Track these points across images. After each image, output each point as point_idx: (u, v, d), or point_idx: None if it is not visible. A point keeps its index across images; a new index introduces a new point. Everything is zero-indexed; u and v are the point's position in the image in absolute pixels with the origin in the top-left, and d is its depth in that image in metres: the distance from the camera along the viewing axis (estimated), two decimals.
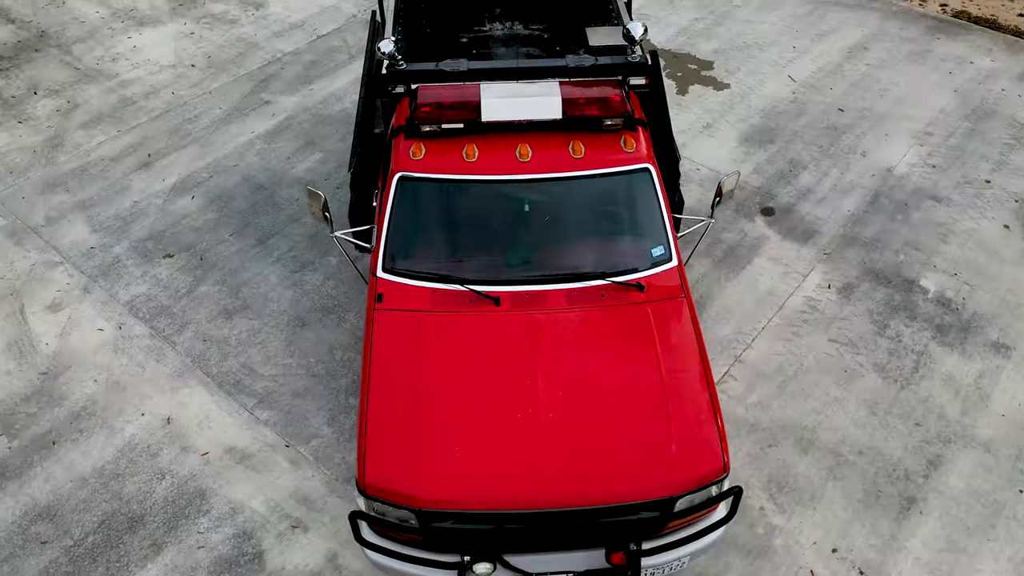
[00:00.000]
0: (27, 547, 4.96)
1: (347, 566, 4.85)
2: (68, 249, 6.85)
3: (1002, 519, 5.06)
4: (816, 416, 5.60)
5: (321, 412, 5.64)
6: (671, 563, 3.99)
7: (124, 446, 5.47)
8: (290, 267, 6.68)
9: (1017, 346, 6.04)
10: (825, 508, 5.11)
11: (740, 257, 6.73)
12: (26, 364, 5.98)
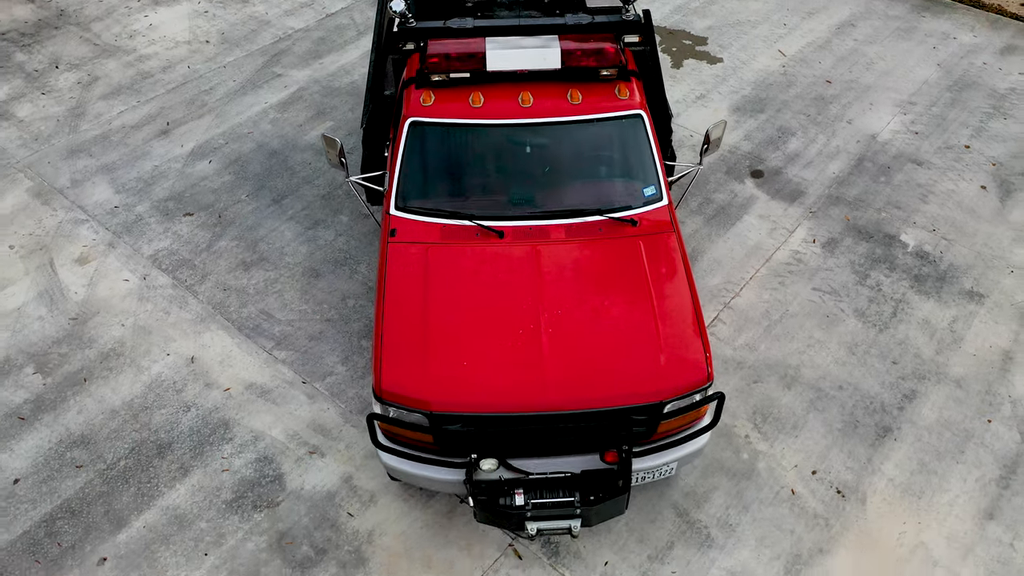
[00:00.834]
0: (63, 470, 5.34)
1: (361, 486, 5.23)
2: (93, 208, 7.22)
3: (970, 445, 5.43)
4: (799, 356, 5.97)
5: (335, 353, 6.02)
6: (659, 467, 4.36)
7: (151, 382, 5.84)
8: (304, 224, 7.05)
9: (990, 294, 6.41)
10: (806, 436, 5.48)
11: (730, 215, 7.10)
12: (57, 311, 6.35)
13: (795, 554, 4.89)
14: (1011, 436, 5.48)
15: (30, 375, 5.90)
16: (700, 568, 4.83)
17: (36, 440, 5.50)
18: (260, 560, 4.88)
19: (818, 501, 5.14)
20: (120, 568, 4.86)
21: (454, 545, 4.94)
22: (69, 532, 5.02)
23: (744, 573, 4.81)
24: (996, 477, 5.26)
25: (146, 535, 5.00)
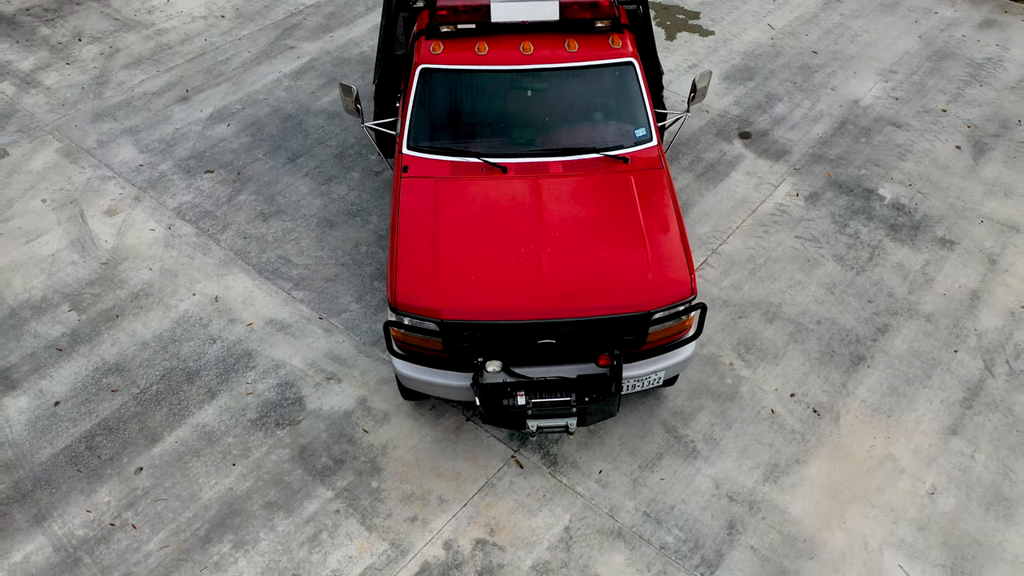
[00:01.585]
0: (100, 394, 5.79)
1: (376, 407, 5.68)
2: (119, 166, 7.67)
3: (937, 371, 5.88)
4: (781, 295, 6.42)
5: (349, 293, 6.47)
6: (648, 375, 4.81)
7: (179, 318, 6.29)
8: (318, 180, 7.50)
9: (961, 241, 6.85)
10: (786, 364, 5.93)
11: (719, 172, 7.55)
12: (89, 256, 6.80)
13: (773, 464, 5.34)
14: (975, 364, 5.92)
15: (66, 312, 6.34)
16: (686, 476, 5.28)
17: (74, 368, 5.95)
18: (283, 470, 5.33)
19: (795, 419, 5.59)
20: (155, 476, 5.30)
21: (461, 457, 5.39)
22: (107, 446, 5.47)
23: (727, 480, 5.26)
24: (960, 399, 5.70)
25: (178, 448, 5.45)
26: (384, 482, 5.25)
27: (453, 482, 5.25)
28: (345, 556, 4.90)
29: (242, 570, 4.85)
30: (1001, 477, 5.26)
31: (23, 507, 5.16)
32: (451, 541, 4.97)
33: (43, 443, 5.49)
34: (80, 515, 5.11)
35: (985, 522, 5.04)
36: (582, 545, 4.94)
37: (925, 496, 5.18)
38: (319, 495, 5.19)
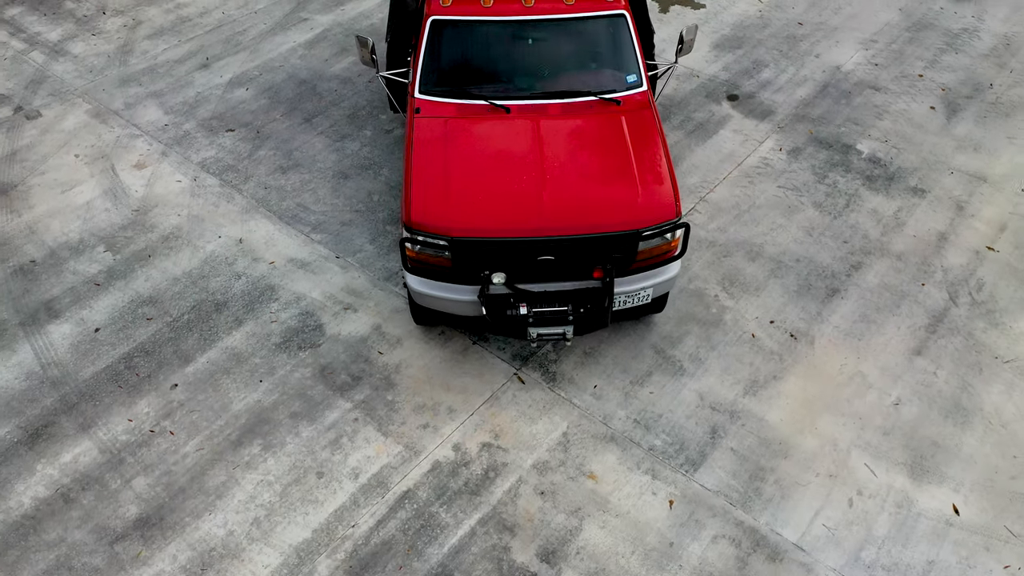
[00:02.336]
0: (136, 322, 6.31)
1: (389, 333, 6.19)
2: (146, 126, 8.19)
3: (905, 302, 6.39)
4: (763, 236, 6.93)
5: (364, 235, 6.99)
6: (638, 291, 5.32)
7: (206, 257, 6.81)
8: (332, 137, 8.02)
9: (931, 190, 7.37)
10: (766, 296, 6.45)
11: (708, 130, 8.07)
12: (121, 204, 7.32)
13: (753, 380, 5.86)
14: (940, 295, 6.44)
15: (101, 252, 6.86)
16: (673, 390, 5.79)
17: (111, 300, 6.47)
18: (306, 385, 5.85)
19: (774, 342, 6.10)
20: (189, 391, 5.82)
21: (468, 374, 5.90)
22: (144, 366, 5.99)
23: (710, 393, 5.77)
24: (925, 325, 6.22)
25: (209, 368, 5.97)
26: (398, 395, 5.77)
27: (461, 395, 5.77)
28: (364, 457, 5.42)
29: (270, 468, 5.37)
30: (960, 391, 5.78)
31: (70, 417, 5.68)
32: (459, 444, 5.48)
33: (86, 363, 6.01)
34: (122, 423, 5.63)
35: (944, 428, 5.56)
36: (578, 447, 5.46)
37: (890, 407, 5.69)
38: (339, 406, 5.71)
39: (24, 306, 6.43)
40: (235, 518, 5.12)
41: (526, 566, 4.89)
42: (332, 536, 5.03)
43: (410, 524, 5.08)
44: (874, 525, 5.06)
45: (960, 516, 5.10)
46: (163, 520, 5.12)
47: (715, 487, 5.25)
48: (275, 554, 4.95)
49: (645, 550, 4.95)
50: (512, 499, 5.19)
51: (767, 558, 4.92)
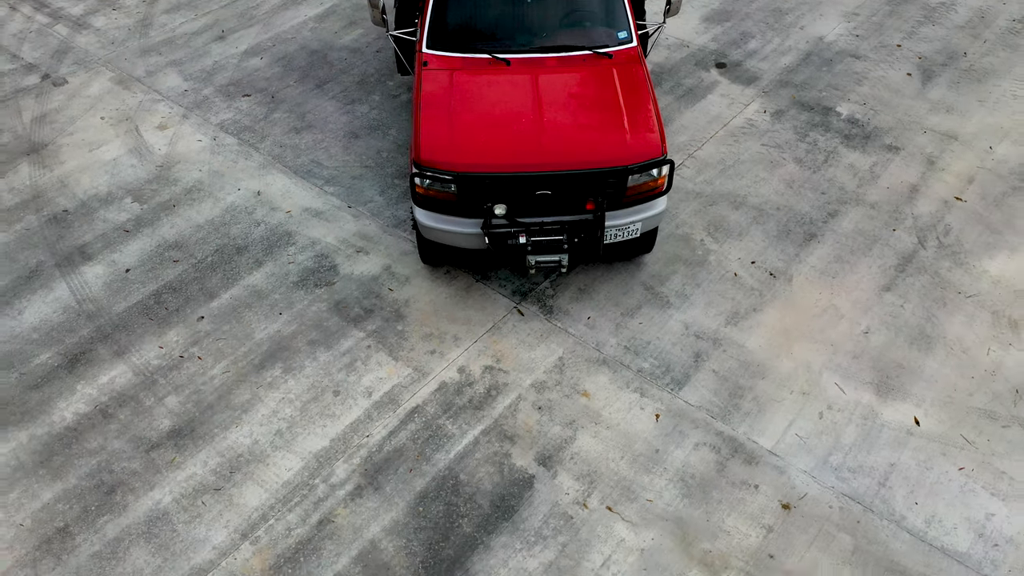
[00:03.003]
0: (163, 264, 6.80)
1: (399, 272, 6.69)
2: (166, 91, 8.69)
3: (877, 245, 6.89)
4: (747, 188, 7.43)
5: (374, 187, 7.48)
6: (627, 225, 5.82)
7: (227, 207, 7.31)
8: (343, 101, 8.51)
9: (905, 147, 7.86)
10: (748, 240, 6.94)
11: (697, 95, 8.56)
12: (146, 161, 7.82)
13: (734, 312, 6.35)
14: (910, 239, 6.93)
15: (129, 203, 7.36)
16: (661, 321, 6.29)
17: (139, 244, 6.97)
18: (322, 317, 6.34)
19: (754, 280, 6.60)
20: (214, 323, 6.32)
21: (471, 308, 6.40)
22: (172, 301, 6.49)
23: (695, 323, 6.27)
24: (895, 265, 6.72)
25: (232, 303, 6.47)
26: (407, 326, 6.27)
27: (465, 326, 6.26)
28: (376, 378, 5.91)
29: (291, 387, 5.86)
30: (924, 321, 6.27)
31: (105, 345, 6.17)
32: (464, 367, 5.98)
33: (118, 299, 6.51)
34: (153, 350, 6.13)
35: (909, 353, 6.05)
36: (573, 370, 5.96)
37: (860, 334, 6.19)
38: (353, 335, 6.20)
39: (59, 250, 6.92)
40: (259, 430, 5.62)
41: (525, 469, 5.38)
42: (348, 444, 5.52)
43: (419, 434, 5.57)
44: (842, 435, 5.56)
45: (920, 427, 5.60)
46: (194, 431, 5.62)
47: (698, 403, 5.74)
48: (296, 459, 5.45)
49: (633, 455, 5.45)
50: (512, 413, 5.69)
51: (744, 462, 5.41)
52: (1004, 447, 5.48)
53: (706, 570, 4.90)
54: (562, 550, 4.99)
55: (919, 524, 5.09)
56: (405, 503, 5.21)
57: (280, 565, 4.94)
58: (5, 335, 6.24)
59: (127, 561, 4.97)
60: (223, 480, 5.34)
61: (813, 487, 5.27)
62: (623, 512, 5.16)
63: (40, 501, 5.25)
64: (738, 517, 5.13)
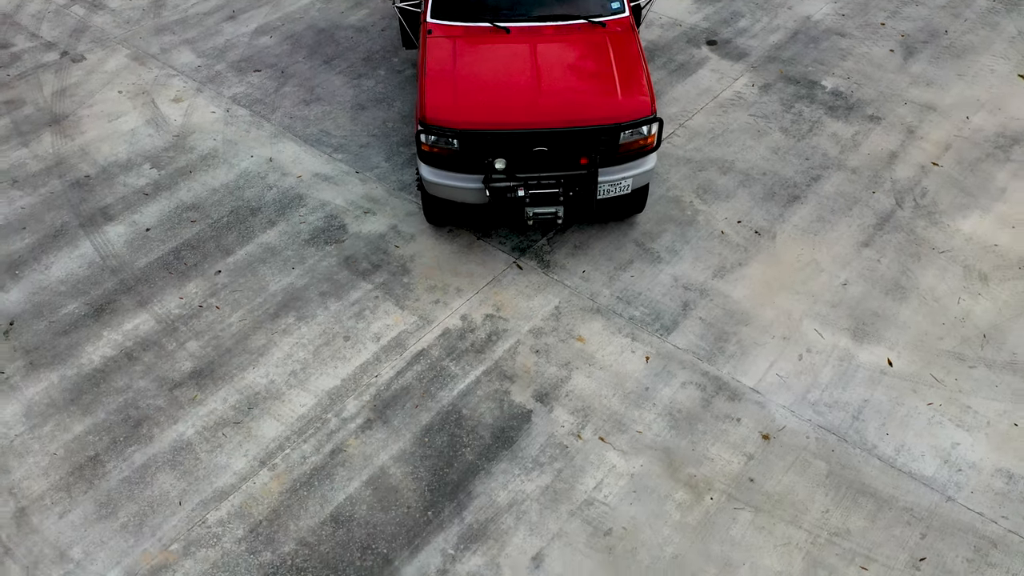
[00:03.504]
0: (182, 224, 7.19)
1: (404, 230, 7.08)
2: (181, 67, 9.08)
3: (857, 206, 7.28)
4: (734, 155, 7.82)
5: (380, 154, 7.87)
6: (619, 181, 6.20)
7: (241, 172, 7.70)
8: (350, 76, 8.91)
9: (886, 117, 8.25)
10: (735, 201, 7.33)
11: (688, 70, 8.95)
12: (162, 131, 8.21)
13: (721, 266, 6.74)
14: (888, 201, 7.32)
15: (148, 169, 7.75)
16: (651, 274, 6.68)
17: (159, 206, 7.36)
18: (333, 271, 6.73)
19: (740, 237, 6.99)
20: (231, 276, 6.71)
21: (473, 263, 6.79)
22: (191, 257, 6.88)
23: (683, 276, 6.66)
24: (873, 223, 7.11)
25: (248, 258, 6.86)
26: (412, 279, 6.66)
27: (467, 279, 6.66)
28: (384, 325, 6.31)
29: (304, 333, 6.25)
30: (900, 274, 6.66)
31: (129, 296, 6.56)
32: (466, 315, 6.37)
33: (140, 255, 6.90)
34: (174, 300, 6.52)
35: (884, 302, 6.44)
36: (568, 317, 6.35)
37: (839, 286, 6.58)
38: (362, 287, 6.59)
39: (82, 212, 7.31)
40: (275, 371, 6.01)
41: (523, 404, 5.77)
42: (358, 383, 5.92)
43: (424, 375, 5.96)
44: (819, 374, 5.95)
45: (893, 367, 5.99)
46: (214, 372, 6.01)
47: (685, 347, 6.13)
48: (310, 397, 5.84)
49: (624, 393, 5.84)
50: (511, 356, 6.08)
51: (727, 398, 5.80)
52: (971, 385, 5.87)
53: (691, 492, 5.29)
54: (558, 475, 5.38)
55: (889, 452, 5.49)
56: (411, 434, 5.60)
57: (296, 488, 5.33)
58: (34, 287, 6.64)
59: (154, 485, 5.36)
60: (242, 415, 5.73)
61: (791, 420, 5.66)
62: (614, 442, 5.55)
63: (71, 433, 5.64)
64: (721, 446, 5.52)
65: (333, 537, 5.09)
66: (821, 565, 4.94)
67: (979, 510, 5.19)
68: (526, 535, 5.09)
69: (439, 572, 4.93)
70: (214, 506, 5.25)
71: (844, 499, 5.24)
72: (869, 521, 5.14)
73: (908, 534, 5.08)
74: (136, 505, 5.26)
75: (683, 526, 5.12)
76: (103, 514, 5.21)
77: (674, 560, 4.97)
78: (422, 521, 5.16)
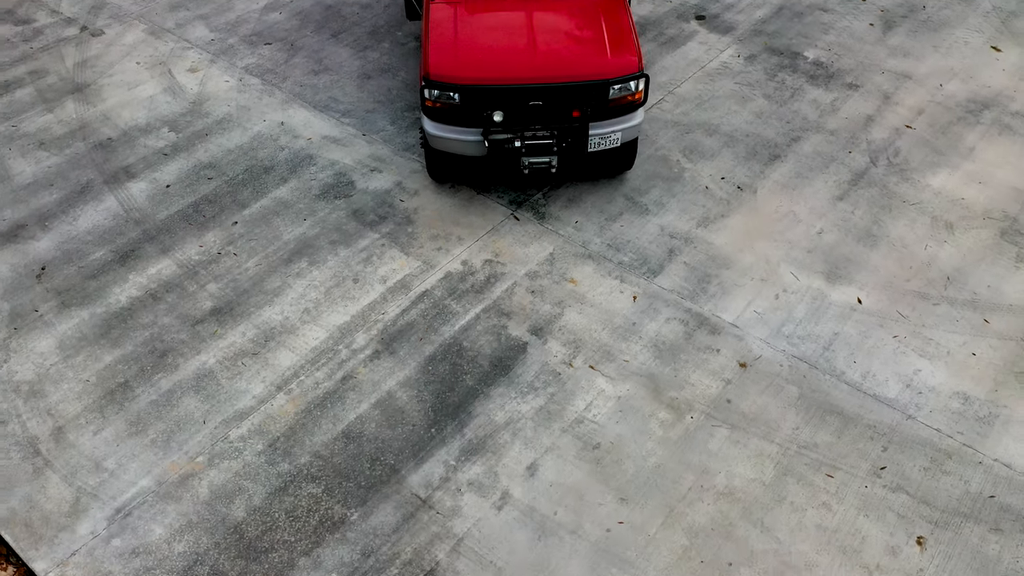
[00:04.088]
0: (200, 181, 7.67)
1: (409, 186, 7.55)
2: (195, 40, 9.56)
3: (833, 164, 7.74)
4: (720, 119, 8.29)
5: (385, 119, 8.34)
6: (609, 134, 6.68)
7: (254, 135, 8.17)
8: (356, 49, 9.38)
9: (864, 85, 8.72)
10: (719, 160, 7.80)
11: (677, 42, 9.42)
12: (179, 98, 8.69)
13: (704, 217, 7.22)
14: (863, 159, 7.79)
15: (166, 132, 8.23)
16: (640, 224, 7.15)
17: (177, 165, 7.83)
18: (342, 222, 7.21)
19: (723, 192, 7.46)
20: (247, 227, 7.18)
21: (473, 214, 7.26)
22: (209, 210, 7.35)
23: (669, 226, 7.13)
24: (848, 180, 7.58)
25: (262, 211, 7.33)
26: (416, 229, 7.13)
27: (467, 228, 7.13)
28: (390, 269, 6.78)
29: (316, 276, 6.73)
30: (871, 224, 7.13)
31: (151, 244, 7.04)
32: (467, 260, 6.84)
33: (161, 209, 7.38)
34: (194, 248, 7.00)
35: (855, 248, 6.92)
36: (562, 262, 6.82)
37: (814, 234, 7.05)
38: (369, 236, 7.07)
39: (106, 170, 7.79)
40: (289, 309, 6.49)
41: (519, 338, 6.25)
42: (367, 319, 6.39)
43: (428, 312, 6.44)
44: (794, 311, 6.42)
45: (862, 305, 6.46)
46: (232, 310, 6.48)
47: (670, 287, 6.61)
48: (322, 331, 6.31)
49: (612, 327, 6.31)
50: (508, 296, 6.55)
51: (708, 332, 6.28)
52: (933, 320, 6.34)
53: (672, 412, 5.76)
54: (551, 398, 5.85)
55: (856, 377, 5.96)
56: (416, 363, 6.08)
57: (310, 410, 5.81)
58: (64, 237, 7.11)
59: (180, 407, 5.84)
60: (259, 347, 6.21)
61: (767, 350, 6.14)
62: (603, 370, 6.02)
63: (102, 363, 6.12)
64: (701, 373, 6.00)
65: (345, 451, 5.56)
66: (790, 473, 5.41)
67: (937, 427, 5.66)
68: (521, 448, 5.56)
69: (442, 479, 5.41)
70: (235, 425, 5.72)
71: (813, 418, 5.71)
72: (835, 436, 5.61)
73: (871, 447, 5.55)
74: (164, 424, 5.73)
75: (665, 441, 5.59)
76: (133, 432, 5.69)
77: (656, 469, 5.44)
78: (426, 437, 5.64)
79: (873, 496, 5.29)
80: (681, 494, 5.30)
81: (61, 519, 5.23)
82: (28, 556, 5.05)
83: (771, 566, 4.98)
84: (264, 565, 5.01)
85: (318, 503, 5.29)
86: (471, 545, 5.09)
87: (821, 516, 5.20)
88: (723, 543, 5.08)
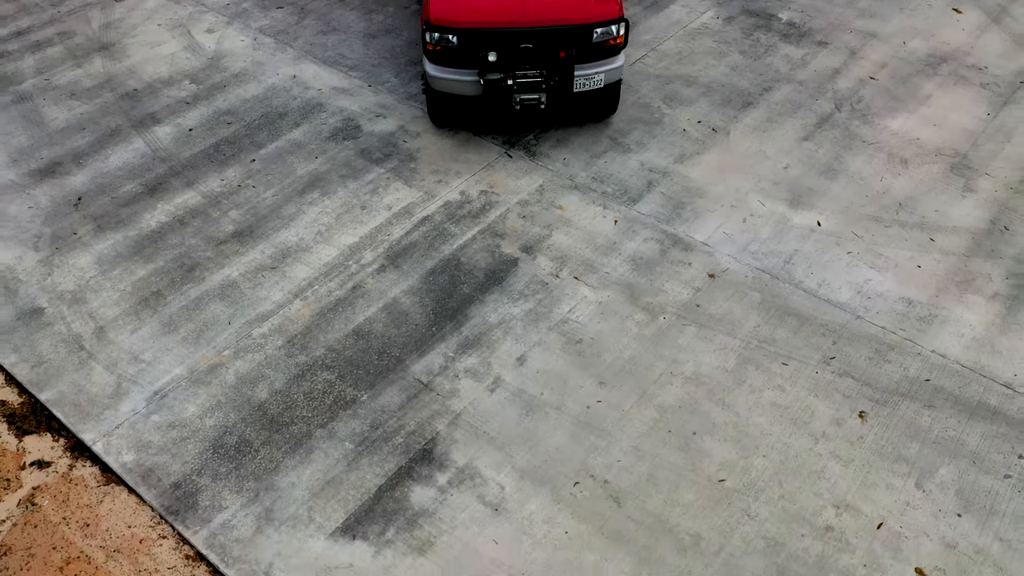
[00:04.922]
0: (220, 125, 8.36)
1: (411, 130, 8.25)
2: (211, 4, 10.25)
3: (801, 110, 8.44)
4: (698, 72, 8.99)
5: (390, 72, 9.04)
6: (593, 76, 7.37)
7: (269, 87, 8.87)
8: (362, 12, 10.08)
9: (833, 42, 9.42)
10: (696, 107, 8.50)
11: (660, 5, 10.12)
12: (199, 54, 9.39)
13: (681, 154, 7.91)
14: (829, 106, 8.49)
15: (187, 84, 8.93)
16: (622, 160, 7.85)
17: (199, 112, 8.53)
18: (350, 159, 7.91)
19: (699, 133, 8.16)
20: (264, 163, 7.88)
21: (470, 152, 7.96)
22: (229, 150, 8.05)
23: (649, 162, 7.83)
24: (814, 123, 8.27)
25: (277, 150, 8.03)
26: (418, 164, 7.83)
27: (465, 164, 7.83)
28: (394, 198, 7.48)
29: (327, 204, 7.43)
30: (833, 160, 7.83)
31: (177, 178, 7.74)
32: (464, 191, 7.54)
33: (185, 149, 8.07)
34: (216, 181, 7.70)
35: (817, 180, 7.61)
36: (551, 192, 7.52)
37: (781, 169, 7.75)
38: (375, 171, 7.77)
39: (133, 117, 8.49)
40: (304, 231, 7.18)
41: (511, 254, 6.94)
42: (373, 240, 7.09)
43: (429, 233, 7.13)
44: (759, 232, 7.12)
45: (821, 227, 7.16)
46: (252, 233, 7.18)
47: (648, 213, 7.30)
48: (333, 250, 7.01)
49: (595, 246, 7.01)
50: (502, 220, 7.25)
51: (682, 249, 6.97)
52: (885, 239, 7.04)
53: (647, 314, 6.46)
54: (539, 303, 6.55)
55: (812, 286, 6.66)
56: (418, 275, 6.77)
57: (324, 313, 6.50)
58: (97, 173, 7.81)
59: (207, 311, 6.53)
60: (277, 262, 6.91)
61: (733, 264, 6.83)
62: (586, 280, 6.72)
63: (136, 276, 6.82)
64: (674, 282, 6.69)
65: (355, 345, 6.26)
66: (750, 362, 6.11)
67: (882, 325, 6.36)
68: (512, 343, 6.26)
69: (441, 368, 6.10)
70: (257, 325, 6.42)
71: (772, 318, 6.41)
72: (791, 333, 6.31)
73: (822, 341, 6.25)
74: (193, 324, 6.43)
75: (640, 336, 6.29)
76: (166, 331, 6.39)
77: (632, 359, 6.14)
78: (427, 335, 6.33)
79: (822, 380, 5.99)
80: (653, 379, 6.00)
81: (105, 400, 5.93)
82: (77, 429, 5.75)
83: (730, 435, 5.67)
84: (285, 435, 5.71)
85: (332, 386, 5.99)
86: (467, 419, 5.78)
87: (776, 396, 5.89)
88: (689, 417, 5.78)
